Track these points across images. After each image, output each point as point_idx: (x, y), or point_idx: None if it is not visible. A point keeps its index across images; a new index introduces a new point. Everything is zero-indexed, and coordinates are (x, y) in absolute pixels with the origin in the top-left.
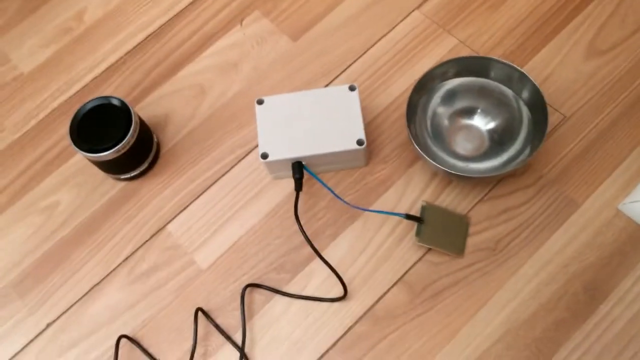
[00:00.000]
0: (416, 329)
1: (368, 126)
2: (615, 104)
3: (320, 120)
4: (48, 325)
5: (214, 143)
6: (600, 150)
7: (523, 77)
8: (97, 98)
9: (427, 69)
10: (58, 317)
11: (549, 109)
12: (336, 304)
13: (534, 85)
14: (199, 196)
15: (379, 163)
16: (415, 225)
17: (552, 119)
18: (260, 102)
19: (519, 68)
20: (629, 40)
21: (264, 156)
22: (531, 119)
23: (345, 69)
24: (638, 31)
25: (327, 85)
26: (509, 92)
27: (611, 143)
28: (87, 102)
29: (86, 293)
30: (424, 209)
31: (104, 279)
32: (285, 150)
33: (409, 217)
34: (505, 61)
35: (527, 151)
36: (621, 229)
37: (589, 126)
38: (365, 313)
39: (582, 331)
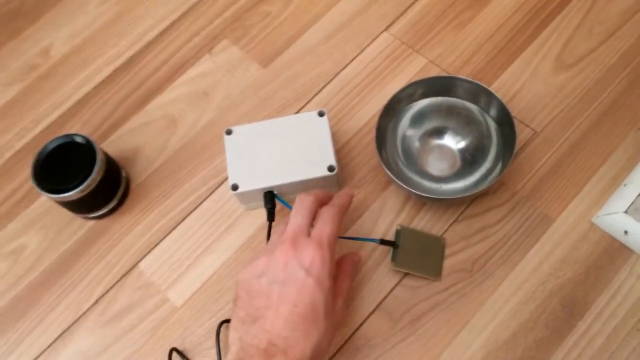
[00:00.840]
0: (397, 357)
1: (340, 150)
2: (585, 116)
3: (290, 147)
4: None
5: (186, 175)
6: (572, 164)
7: (489, 95)
8: (60, 137)
9: (398, 89)
10: None
11: (520, 125)
12: None
13: (501, 102)
14: (171, 231)
15: (353, 187)
16: (390, 249)
17: (523, 134)
18: (228, 132)
19: (484, 85)
20: (596, 51)
21: (234, 187)
22: (500, 135)
23: (317, 94)
24: (605, 42)
25: (299, 111)
26: (476, 109)
27: (582, 156)
28: (49, 142)
29: (56, 339)
30: (398, 232)
31: (74, 323)
32: (255, 180)
33: (383, 242)
34: (470, 79)
35: (498, 168)
36: (596, 243)
37: (559, 140)
38: (345, 343)
39: (563, 349)
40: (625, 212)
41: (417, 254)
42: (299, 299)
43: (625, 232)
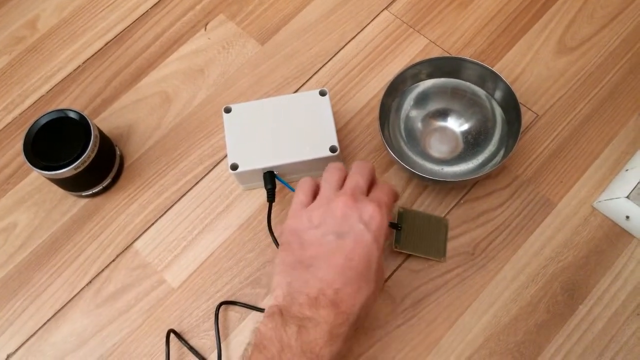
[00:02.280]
0: (398, 339)
1: (341, 131)
2: (587, 100)
3: (290, 127)
4: (8, 356)
5: (181, 154)
6: (574, 148)
7: (495, 77)
8: (52, 111)
9: (399, 70)
10: (19, 347)
11: (522, 108)
12: None
13: (507, 85)
14: (167, 211)
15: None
16: (393, 232)
17: (525, 118)
18: (227, 110)
19: (491, 68)
20: (598, 35)
21: (234, 167)
22: (505, 119)
23: (316, 73)
24: (607, 26)
25: (297, 90)
26: (481, 92)
27: (584, 140)
28: (41, 116)
29: (49, 319)
30: (401, 215)
31: (67, 303)
32: (255, 160)
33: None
34: (477, 61)
35: (501, 152)
36: (597, 227)
37: (561, 124)
38: None
39: (563, 332)
40: (627, 197)
41: (420, 236)
42: (354, 253)
43: (627, 217)
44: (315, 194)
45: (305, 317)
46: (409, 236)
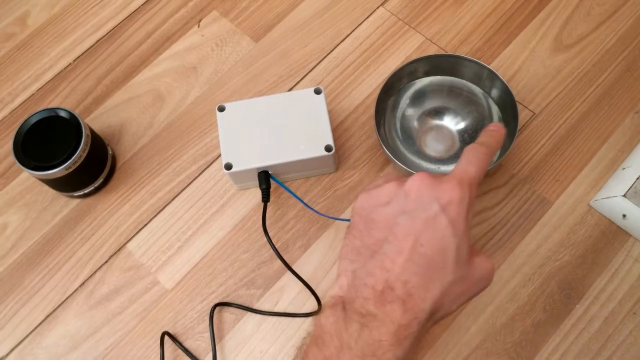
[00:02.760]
0: None
1: (336, 130)
2: (583, 98)
3: (285, 126)
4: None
5: (174, 153)
6: (570, 147)
7: (492, 76)
8: (42, 110)
9: (394, 67)
10: (11, 351)
11: (518, 106)
12: (310, 319)
13: (503, 83)
14: (160, 211)
15: (349, 168)
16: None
17: (522, 116)
18: (221, 108)
19: (488, 66)
20: (595, 33)
21: (228, 167)
22: (501, 117)
23: (311, 70)
24: (603, 24)
25: (292, 88)
26: (478, 90)
27: (580, 139)
28: (31, 115)
29: (41, 322)
30: None
31: (60, 305)
32: (250, 159)
33: None
34: (474, 59)
35: (498, 151)
36: (593, 226)
37: (558, 122)
38: None
39: (560, 332)
40: (624, 195)
41: None
42: (426, 237)
43: (624, 215)
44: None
45: (369, 313)
46: None
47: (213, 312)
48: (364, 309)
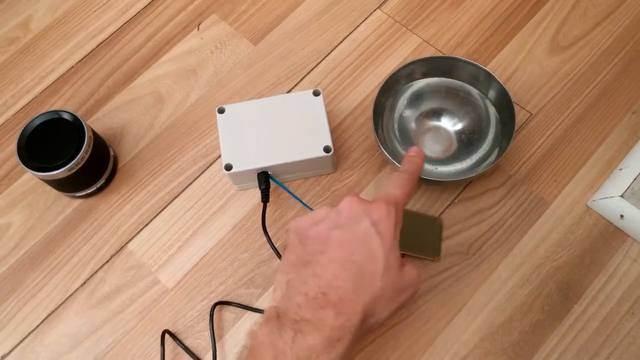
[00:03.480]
0: (393, 340)
1: (334, 131)
2: (580, 99)
3: (284, 127)
4: (3, 357)
5: (175, 154)
6: (568, 147)
7: (489, 77)
8: (46, 112)
9: (392, 69)
10: (13, 349)
11: (515, 107)
12: None
13: (500, 85)
14: (161, 211)
15: (347, 169)
16: None
17: (519, 117)
18: (221, 110)
19: (484, 68)
20: (591, 33)
21: (228, 167)
22: (498, 118)
23: (309, 72)
24: (599, 25)
25: (290, 90)
26: (475, 92)
27: (578, 139)
28: (35, 117)
29: (43, 320)
30: None
31: (61, 304)
32: (249, 160)
33: None
34: (471, 61)
35: (495, 152)
36: (591, 226)
37: (555, 123)
38: None
39: (558, 332)
40: (621, 196)
41: (415, 235)
42: (357, 248)
43: (621, 216)
44: None
45: (302, 319)
46: (404, 236)
47: (213, 311)
48: (298, 316)
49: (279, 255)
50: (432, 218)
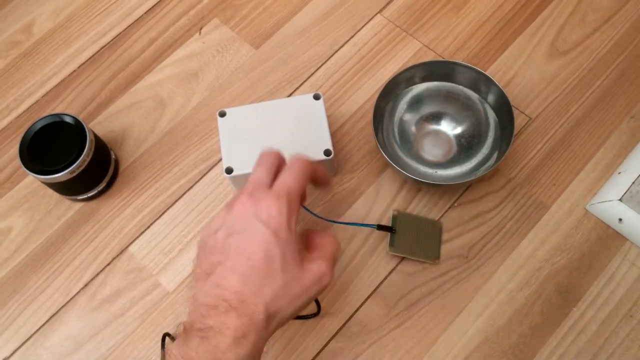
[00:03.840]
0: (393, 342)
1: (334, 135)
2: (579, 103)
3: (285, 131)
4: None
5: (176, 157)
6: (567, 151)
7: (488, 81)
8: (48, 116)
9: (392, 73)
10: (14, 351)
11: (515, 111)
12: (309, 321)
13: (499, 89)
14: (162, 214)
15: (347, 172)
16: (387, 235)
17: (518, 121)
18: (222, 114)
19: (484, 72)
20: (590, 39)
21: (229, 171)
22: (498, 122)
23: (310, 76)
24: (598, 30)
25: (291, 94)
26: (475, 96)
27: (576, 143)
28: (37, 121)
29: (44, 323)
30: (395, 217)
31: (63, 307)
32: (250, 163)
33: (380, 227)
34: (470, 65)
35: (495, 155)
36: (590, 230)
37: (554, 127)
38: (339, 329)
39: (557, 335)
40: (620, 199)
41: (414, 239)
42: (252, 251)
43: (620, 219)
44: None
45: (207, 327)
46: (403, 239)
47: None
48: (203, 324)
49: None
50: (432, 221)
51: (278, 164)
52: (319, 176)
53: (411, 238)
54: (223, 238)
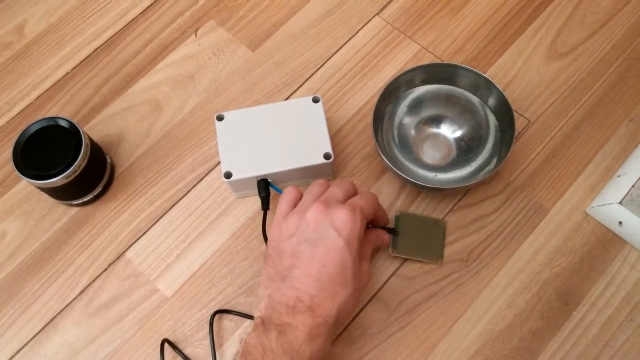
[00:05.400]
0: (393, 347)
1: (334, 138)
2: (578, 106)
3: (284, 134)
4: None
5: (172, 161)
6: (566, 154)
7: (489, 84)
8: (42, 119)
9: (390, 76)
10: (10, 359)
11: (514, 114)
12: None
13: (500, 92)
14: (159, 219)
15: (347, 176)
16: (390, 237)
17: (517, 123)
18: (220, 117)
19: (485, 75)
20: (589, 41)
21: (227, 175)
22: (498, 126)
23: (308, 79)
24: (597, 32)
25: (289, 97)
26: (475, 99)
27: (576, 146)
28: (31, 124)
29: (40, 330)
30: (398, 218)
31: (59, 313)
32: (249, 167)
33: (384, 229)
34: (471, 68)
35: (495, 159)
36: (590, 233)
37: (553, 130)
38: (340, 333)
39: (558, 339)
40: (620, 203)
41: (417, 239)
42: (328, 259)
43: (620, 223)
44: (297, 203)
45: (284, 323)
46: (406, 240)
47: (213, 319)
48: (280, 321)
49: None
50: (435, 220)
51: (352, 188)
52: (379, 216)
53: (414, 238)
54: (297, 243)
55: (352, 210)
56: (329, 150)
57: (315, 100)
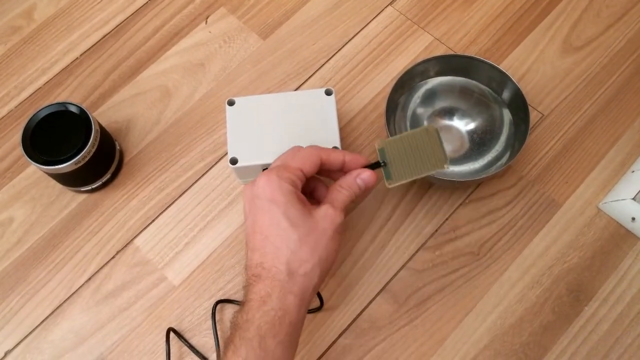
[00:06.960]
0: (402, 340)
1: (344, 128)
2: (592, 100)
3: (293, 124)
4: (6, 353)
5: (182, 149)
6: (579, 149)
7: (504, 77)
8: (52, 104)
9: (403, 67)
10: (17, 345)
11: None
12: (319, 317)
13: (515, 86)
14: (168, 207)
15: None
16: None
17: (531, 117)
18: (231, 103)
19: (500, 68)
20: (604, 35)
21: (233, 161)
22: (512, 120)
23: (319, 69)
24: (612, 26)
25: (300, 86)
26: (489, 92)
27: (589, 141)
28: (40, 109)
29: (47, 317)
30: (381, 150)
31: (66, 300)
32: (256, 155)
33: (368, 166)
34: (487, 60)
35: (508, 153)
36: (602, 228)
37: (567, 124)
38: (349, 325)
39: (569, 334)
40: (633, 199)
41: (412, 157)
42: (261, 225)
43: (633, 219)
44: None
45: (254, 275)
46: (400, 165)
47: (215, 309)
48: (247, 292)
49: None
50: (424, 129)
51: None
52: (332, 159)
53: (408, 159)
54: (246, 219)
55: (266, 173)
56: (337, 144)
57: (328, 92)
